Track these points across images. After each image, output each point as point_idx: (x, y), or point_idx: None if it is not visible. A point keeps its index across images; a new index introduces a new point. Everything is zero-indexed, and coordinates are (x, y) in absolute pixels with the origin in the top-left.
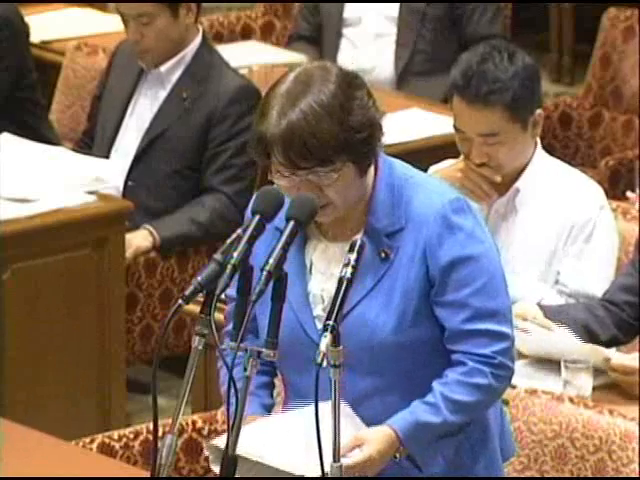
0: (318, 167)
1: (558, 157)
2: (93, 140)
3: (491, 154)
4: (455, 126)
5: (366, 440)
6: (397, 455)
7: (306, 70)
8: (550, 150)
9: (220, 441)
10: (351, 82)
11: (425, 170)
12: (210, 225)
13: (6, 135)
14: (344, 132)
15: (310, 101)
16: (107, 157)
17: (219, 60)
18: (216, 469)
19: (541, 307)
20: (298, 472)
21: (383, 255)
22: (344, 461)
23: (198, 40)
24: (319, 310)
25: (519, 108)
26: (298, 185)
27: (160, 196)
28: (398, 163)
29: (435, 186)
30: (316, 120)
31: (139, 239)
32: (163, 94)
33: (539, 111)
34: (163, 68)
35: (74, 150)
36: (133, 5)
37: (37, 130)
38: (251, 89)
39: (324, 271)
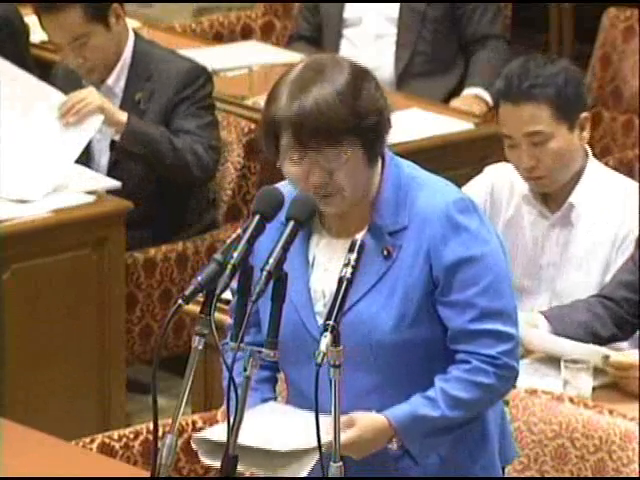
0: (327, 147)
1: None
2: None
3: (540, 157)
4: (503, 134)
5: (356, 422)
6: (391, 446)
7: (317, 59)
8: None
9: (207, 432)
10: (362, 74)
11: (426, 170)
12: (180, 150)
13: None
14: (353, 116)
15: (321, 86)
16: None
17: (159, 50)
18: (206, 460)
19: (542, 312)
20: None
21: (386, 253)
22: (327, 438)
23: (132, 40)
24: (320, 306)
25: (564, 106)
26: (308, 169)
27: (141, 202)
28: (406, 163)
29: (440, 186)
30: (326, 103)
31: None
32: (117, 104)
33: (585, 114)
34: (110, 80)
35: None
36: (65, 30)
37: None
38: (199, 67)
39: (325, 266)
